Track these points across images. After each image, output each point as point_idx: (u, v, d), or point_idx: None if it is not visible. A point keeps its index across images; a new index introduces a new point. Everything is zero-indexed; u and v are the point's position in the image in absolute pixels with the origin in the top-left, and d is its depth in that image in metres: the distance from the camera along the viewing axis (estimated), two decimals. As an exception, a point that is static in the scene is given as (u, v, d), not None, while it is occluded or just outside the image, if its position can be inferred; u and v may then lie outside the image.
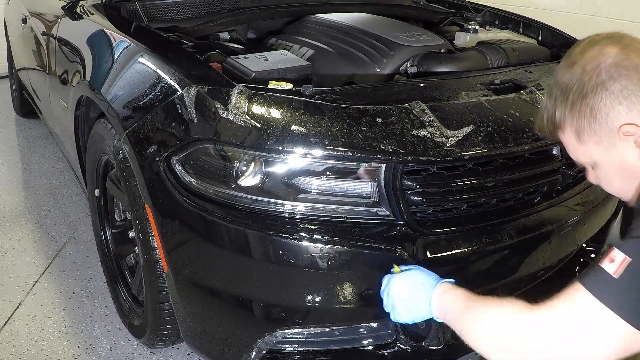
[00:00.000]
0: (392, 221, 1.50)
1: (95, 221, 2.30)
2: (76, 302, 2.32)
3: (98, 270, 2.45)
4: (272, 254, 1.48)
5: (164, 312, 1.77)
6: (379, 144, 1.44)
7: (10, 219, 2.96)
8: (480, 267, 1.60)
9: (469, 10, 2.81)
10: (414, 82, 1.77)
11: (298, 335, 1.59)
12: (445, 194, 1.56)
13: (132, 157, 1.68)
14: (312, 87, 1.56)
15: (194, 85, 1.57)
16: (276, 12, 2.48)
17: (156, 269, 1.71)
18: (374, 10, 2.58)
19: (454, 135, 1.50)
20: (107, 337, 2.13)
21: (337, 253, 1.45)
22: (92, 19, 2.30)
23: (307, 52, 2.15)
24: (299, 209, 1.49)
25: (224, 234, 1.52)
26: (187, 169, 1.56)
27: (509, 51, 2.09)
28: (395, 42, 2.04)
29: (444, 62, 2.01)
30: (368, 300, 1.50)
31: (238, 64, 1.82)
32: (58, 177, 3.51)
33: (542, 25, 2.54)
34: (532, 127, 1.56)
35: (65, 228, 2.89)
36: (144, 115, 1.66)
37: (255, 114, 1.48)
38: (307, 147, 1.43)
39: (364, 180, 1.50)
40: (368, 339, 1.61)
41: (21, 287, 2.41)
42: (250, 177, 1.49)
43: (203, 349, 1.68)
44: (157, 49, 1.84)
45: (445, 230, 1.54)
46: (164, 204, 1.60)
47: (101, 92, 1.91)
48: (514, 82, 1.81)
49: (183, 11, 2.41)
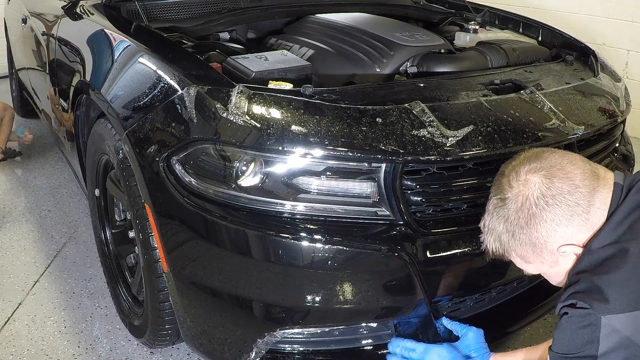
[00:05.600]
0: (392, 221, 1.50)
1: (95, 221, 2.30)
2: (76, 302, 2.32)
3: (98, 270, 2.45)
4: (272, 254, 1.48)
5: (164, 312, 1.77)
6: (379, 144, 1.44)
7: (10, 219, 2.96)
8: (480, 267, 1.59)
9: (469, 10, 2.81)
10: (414, 82, 1.77)
11: (298, 335, 1.59)
12: (445, 194, 1.56)
13: (132, 157, 1.68)
14: (312, 87, 1.56)
15: (194, 85, 1.57)
16: (276, 12, 2.48)
17: (156, 269, 1.71)
18: (374, 10, 2.58)
19: (454, 135, 1.50)
20: (107, 337, 2.13)
21: (337, 253, 1.45)
22: (92, 19, 2.30)
23: (307, 52, 2.15)
24: (299, 209, 1.49)
25: (224, 234, 1.52)
26: (187, 169, 1.56)
27: (509, 51, 2.09)
28: (395, 42, 2.04)
29: (444, 62, 2.01)
30: (368, 300, 1.51)
31: (238, 64, 1.82)
32: (58, 177, 3.51)
33: (542, 25, 2.54)
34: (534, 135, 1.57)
35: (65, 228, 2.89)
36: (144, 115, 1.66)
37: (255, 114, 1.48)
38: (307, 147, 1.43)
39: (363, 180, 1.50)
40: (368, 339, 1.61)
41: (21, 287, 2.41)
42: (250, 177, 1.49)
43: (203, 349, 1.68)
44: (157, 49, 1.84)
45: (445, 230, 1.54)
46: (164, 204, 1.60)
47: (101, 92, 1.91)
48: (514, 82, 1.81)
49: (183, 11, 2.41)
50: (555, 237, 1.17)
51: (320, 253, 1.45)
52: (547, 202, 1.15)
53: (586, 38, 2.52)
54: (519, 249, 1.22)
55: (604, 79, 2.03)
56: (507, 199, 1.20)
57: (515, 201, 1.19)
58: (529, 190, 1.17)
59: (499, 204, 1.22)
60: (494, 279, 1.68)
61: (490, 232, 1.25)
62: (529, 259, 1.23)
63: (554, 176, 1.16)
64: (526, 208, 1.17)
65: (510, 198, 1.19)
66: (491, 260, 1.30)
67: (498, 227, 1.22)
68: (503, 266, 1.66)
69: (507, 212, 1.20)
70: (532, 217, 1.17)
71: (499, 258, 1.28)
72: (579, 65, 2.14)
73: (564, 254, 1.18)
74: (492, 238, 1.25)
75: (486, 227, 1.26)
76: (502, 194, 1.21)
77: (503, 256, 1.26)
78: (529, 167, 1.19)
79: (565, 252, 1.18)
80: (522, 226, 1.18)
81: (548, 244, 1.18)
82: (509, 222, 1.20)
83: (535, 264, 1.24)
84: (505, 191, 1.21)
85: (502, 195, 1.21)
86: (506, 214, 1.20)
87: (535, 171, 1.18)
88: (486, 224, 1.26)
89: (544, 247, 1.18)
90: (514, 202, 1.19)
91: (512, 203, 1.19)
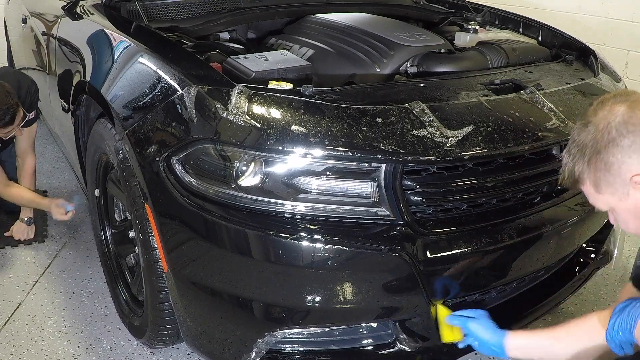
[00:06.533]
0: (392, 221, 1.50)
1: (95, 221, 2.30)
2: (76, 302, 2.32)
3: (98, 270, 2.45)
4: (272, 254, 1.48)
5: (164, 312, 1.77)
6: (379, 144, 1.44)
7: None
8: (480, 267, 1.59)
9: (469, 10, 2.81)
10: (414, 82, 1.77)
11: (298, 335, 1.59)
12: (445, 194, 1.56)
13: (132, 157, 1.68)
14: (312, 87, 1.56)
15: (194, 85, 1.57)
16: (276, 12, 2.48)
17: (156, 269, 1.71)
18: (374, 10, 2.58)
19: (454, 135, 1.50)
20: (107, 337, 2.13)
21: (337, 253, 1.45)
22: (92, 19, 2.30)
23: (307, 52, 2.15)
24: (299, 209, 1.49)
25: (224, 234, 1.52)
26: (187, 169, 1.56)
27: (509, 51, 2.09)
28: (395, 42, 2.04)
29: (444, 62, 2.01)
30: (368, 300, 1.51)
31: (238, 64, 1.82)
32: (58, 177, 3.51)
33: (542, 25, 2.54)
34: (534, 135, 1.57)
35: (65, 228, 2.89)
36: (144, 115, 1.66)
37: (255, 114, 1.48)
38: (307, 147, 1.43)
39: None
40: (368, 339, 1.61)
41: (21, 287, 2.41)
42: (250, 177, 1.49)
43: (203, 349, 1.68)
44: (157, 49, 1.84)
45: (445, 230, 1.54)
46: (164, 204, 1.60)
47: (101, 92, 1.91)
48: (514, 82, 1.81)
49: (183, 11, 2.41)
50: (630, 164, 1.17)
51: (321, 253, 1.45)
52: (627, 130, 1.16)
53: (586, 38, 2.51)
54: (593, 175, 1.22)
55: (604, 79, 2.03)
56: (589, 122, 1.21)
57: (596, 125, 1.19)
58: (612, 116, 1.18)
59: (580, 128, 1.23)
60: (494, 279, 1.68)
61: (568, 155, 1.25)
62: (600, 187, 1.22)
63: (636, 108, 1.17)
64: (607, 132, 1.18)
65: (592, 122, 1.21)
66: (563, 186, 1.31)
67: (575, 151, 1.23)
68: (503, 266, 1.66)
69: (587, 136, 1.21)
70: (610, 142, 1.17)
71: (572, 186, 1.28)
72: (579, 65, 2.14)
73: (637, 185, 1.17)
74: (569, 161, 1.25)
75: (565, 151, 1.27)
76: (586, 118, 1.23)
77: (577, 182, 1.26)
78: (615, 99, 1.20)
79: (637, 183, 1.17)
80: (599, 150, 1.19)
81: (622, 170, 1.18)
82: (587, 146, 1.21)
83: (605, 196, 1.23)
84: (589, 116, 1.22)
85: (585, 120, 1.22)
86: (585, 137, 1.21)
87: (620, 102, 1.19)
88: (566, 148, 1.27)
89: (617, 175, 1.18)
90: (594, 126, 1.20)
91: (593, 127, 1.20)
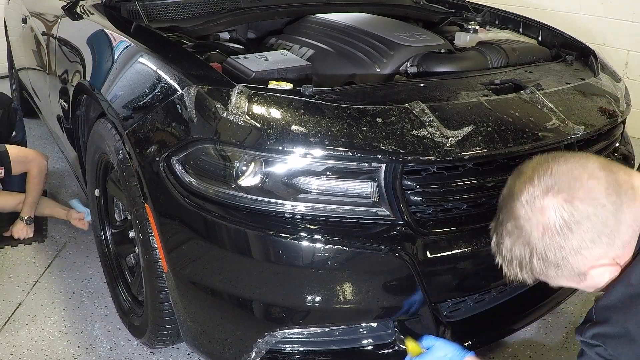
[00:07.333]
0: (392, 221, 1.50)
1: (95, 221, 2.30)
2: (76, 302, 2.32)
3: (98, 270, 2.45)
4: (272, 254, 1.48)
5: (164, 312, 1.77)
6: (379, 144, 1.44)
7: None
8: (480, 268, 1.59)
9: (469, 10, 2.81)
10: (414, 82, 1.77)
11: (298, 335, 1.59)
12: (445, 194, 1.56)
13: (132, 157, 1.68)
14: (312, 87, 1.56)
15: (194, 85, 1.57)
16: (276, 12, 2.48)
17: (156, 269, 1.71)
18: (374, 10, 2.58)
19: (454, 135, 1.50)
20: (107, 337, 2.13)
21: (337, 253, 1.45)
22: (92, 19, 2.30)
23: (307, 52, 2.15)
24: (299, 209, 1.49)
25: (224, 234, 1.52)
26: (187, 169, 1.56)
27: (509, 51, 2.09)
28: (395, 42, 2.04)
29: (444, 62, 2.01)
30: (368, 300, 1.51)
31: (238, 64, 1.82)
32: (58, 177, 3.51)
33: (542, 25, 2.54)
34: (534, 135, 1.56)
35: (65, 228, 2.89)
36: (144, 115, 1.66)
37: (255, 114, 1.48)
38: (307, 147, 1.43)
39: None
40: (368, 339, 1.61)
41: (21, 287, 2.41)
42: (250, 177, 1.49)
43: (203, 349, 1.68)
44: (157, 49, 1.84)
45: (445, 230, 1.54)
46: (164, 204, 1.60)
47: (101, 92, 1.91)
48: (514, 82, 1.81)
49: (183, 11, 2.41)
50: (583, 261, 1.06)
51: (321, 253, 1.45)
52: (571, 230, 1.03)
53: (586, 38, 2.52)
54: (544, 277, 1.11)
55: (604, 79, 2.03)
56: (523, 227, 1.07)
57: (535, 230, 1.06)
58: (548, 218, 1.04)
59: (514, 233, 1.09)
60: (494, 279, 1.68)
61: (510, 261, 1.12)
62: (557, 280, 1.12)
63: (574, 198, 1.03)
64: (548, 237, 1.05)
65: (526, 228, 1.07)
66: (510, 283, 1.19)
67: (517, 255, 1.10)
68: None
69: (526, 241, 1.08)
70: (556, 248, 1.05)
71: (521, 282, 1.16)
72: (579, 65, 2.14)
73: (596, 273, 1.08)
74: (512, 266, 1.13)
75: (502, 254, 1.14)
76: (517, 221, 1.08)
77: (526, 281, 1.14)
78: (543, 187, 1.05)
79: (595, 273, 1.07)
80: (545, 257, 1.07)
81: (576, 268, 1.07)
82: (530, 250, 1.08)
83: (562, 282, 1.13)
84: (520, 219, 1.07)
85: (517, 223, 1.08)
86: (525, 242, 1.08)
87: (552, 194, 1.04)
88: (502, 250, 1.13)
89: (572, 271, 1.08)
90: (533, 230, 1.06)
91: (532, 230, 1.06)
